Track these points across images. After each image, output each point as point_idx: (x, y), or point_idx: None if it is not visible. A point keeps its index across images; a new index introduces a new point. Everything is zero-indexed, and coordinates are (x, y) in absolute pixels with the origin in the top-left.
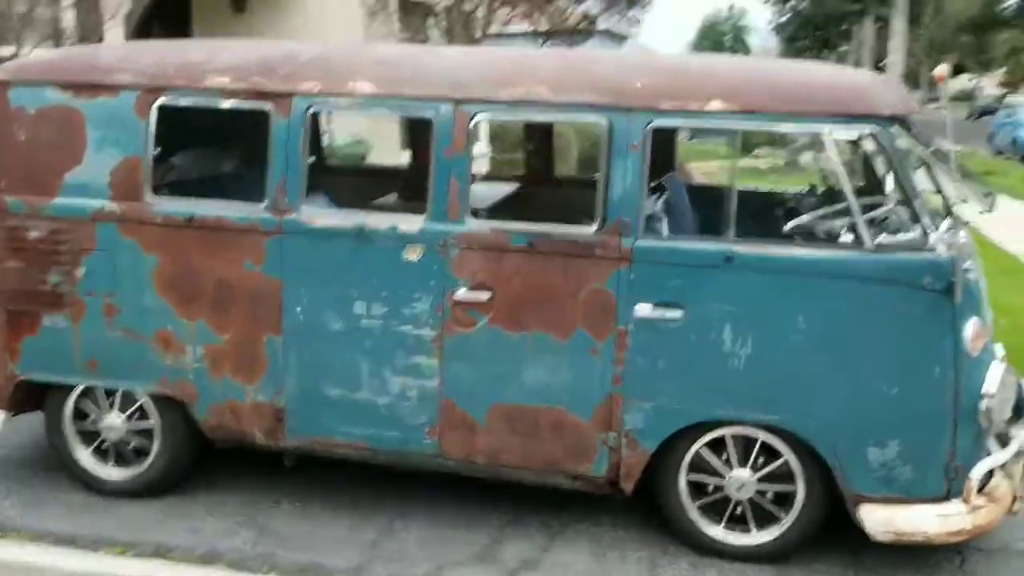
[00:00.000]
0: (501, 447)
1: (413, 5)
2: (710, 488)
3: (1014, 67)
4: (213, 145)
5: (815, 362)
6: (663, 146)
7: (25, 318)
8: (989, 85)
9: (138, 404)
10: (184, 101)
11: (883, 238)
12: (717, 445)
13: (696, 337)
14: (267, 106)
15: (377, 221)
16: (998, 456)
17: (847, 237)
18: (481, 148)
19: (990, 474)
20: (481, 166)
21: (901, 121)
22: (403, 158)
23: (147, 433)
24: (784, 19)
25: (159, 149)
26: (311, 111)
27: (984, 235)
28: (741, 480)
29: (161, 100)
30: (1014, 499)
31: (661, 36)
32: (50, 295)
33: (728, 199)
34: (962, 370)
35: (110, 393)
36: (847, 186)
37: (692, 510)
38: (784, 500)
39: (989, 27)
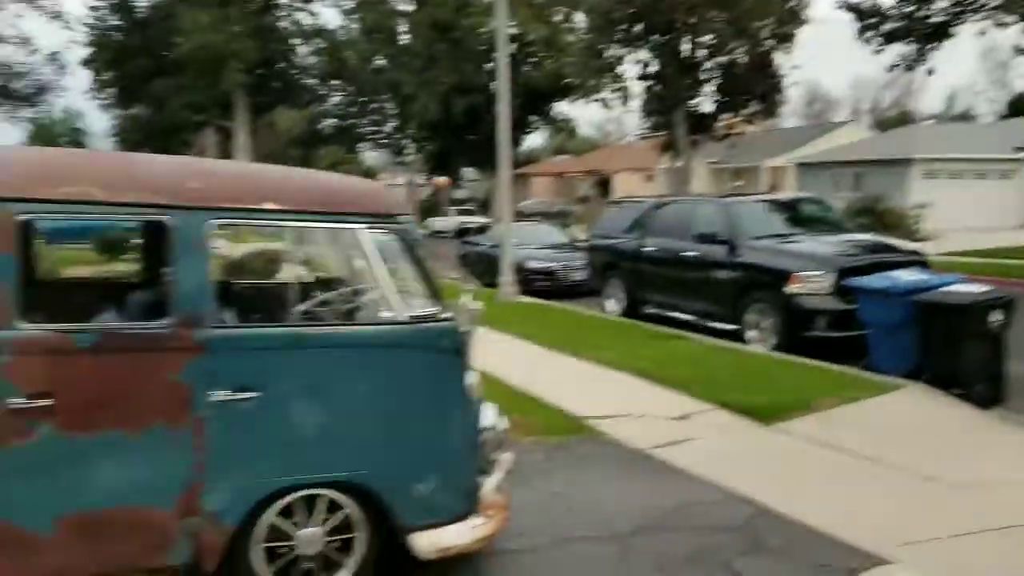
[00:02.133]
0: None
1: None
2: (284, 550)
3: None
4: None
5: (370, 420)
6: None
7: None
8: None
9: None
10: None
11: (412, 311)
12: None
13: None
14: None
15: None
16: (497, 476)
17: (385, 313)
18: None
19: None
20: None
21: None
22: None
23: None
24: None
25: None
26: None
27: None
28: (310, 538)
29: None
30: (506, 508)
31: None
32: None
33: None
34: (467, 411)
35: None
36: (381, 272)
37: (269, 574)
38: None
39: (312, 143)
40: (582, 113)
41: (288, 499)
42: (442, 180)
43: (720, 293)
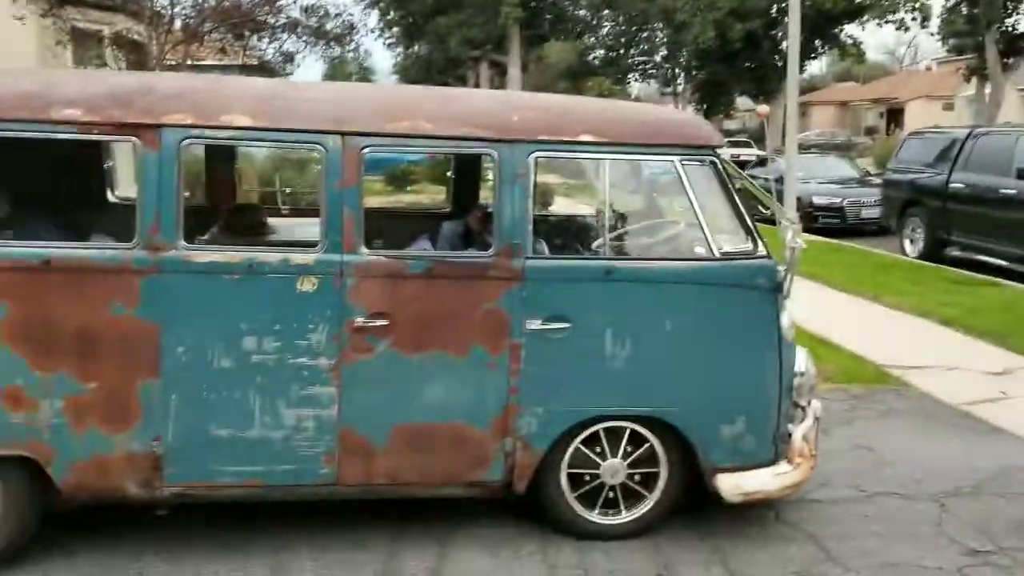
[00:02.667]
0: (401, 467)
1: (84, 35)
2: (587, 478)
3: None
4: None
5: (679, 357)
6: None
7: None
8: None
9: None
10: (29, 135)
11: (727, 248)
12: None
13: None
14: (133, 140)
15: (267, 255)
16: (806, 423)
17: (699, 249)
18: None
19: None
20: None
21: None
22: None
23: None
24: (408, 63)
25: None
26: (185, 144)
27: None
28: (614, 469)
29: (3, 133)
30: (813, 457)
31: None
32: None
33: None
34: (783, 354)
35: None
36: (696, 206)
37: (572, 500)
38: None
39: (581, 75)
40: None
41: (594, 429)
42: (764, 109)
43: None
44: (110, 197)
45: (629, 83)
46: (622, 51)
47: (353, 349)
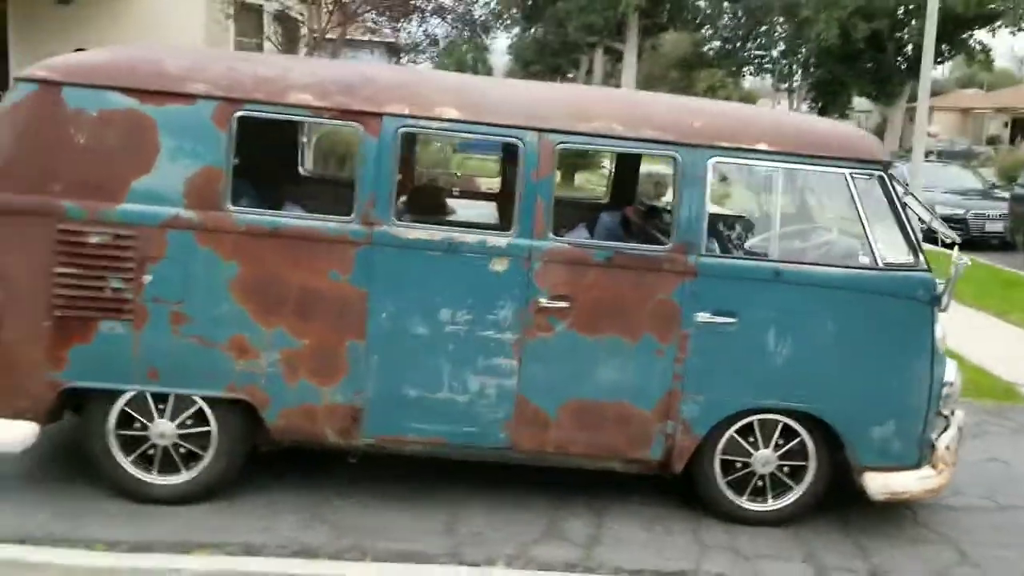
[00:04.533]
0: (569, 438)
1: (245, 9)
2: (738, 465)
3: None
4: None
5: (837, 358)
6: None
7: (77, 325)
8: None
9: (192, 410)
10: (264, 115)
11: (889, 259)
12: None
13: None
14: (356, 125)
15: (467, 235)
16: (951, 432)
17: (863, 258)
18: None
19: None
20: None
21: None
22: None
23: (199, 438)
24: (523, 44)
25: (236, 160)
26: (401, 131)
27: None
28: (765, 460)
29: (240, 112)
30: (954, 465)
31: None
32: (109, 301)
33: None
34: (935, 364)
35: (159, 399)
36: (863, 217)
37: (723, 484)
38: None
39: (695, 65)
40: (999, 43)
41: (749, 419)
42: (933, 130)
43: None
44: (301, 171)
45: (744, 76)
46: (739, 44)
47: (536, 327)
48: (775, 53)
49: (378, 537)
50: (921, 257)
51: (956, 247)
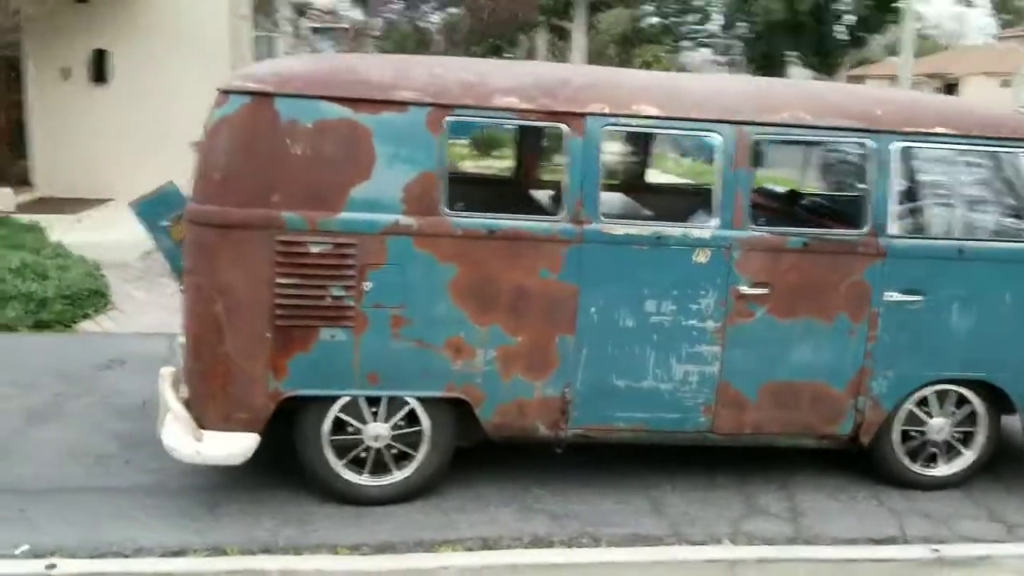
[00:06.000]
0: (766, 419)
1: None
2: (913, 434)
3: None
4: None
5: (1012, 328)
6: None
7: (298, 334)
8: None
9: (404, 411)
10: (473, 119)
11: None
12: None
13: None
14: (561, 126)
15: (672, 229)
16: None
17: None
18: None
19: None
20: None
21: None
22: None
23: (410, 439)
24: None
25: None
26: (605, 130)
27: None
28: (940, 427)
29: (450, 118)
30: None
31: None
32: (331, 309)
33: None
34: None
35: (372, 403)
36: None
37: (901, 453)
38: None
39: (634, 42)
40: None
41: (927, 391)
42: None
43: None
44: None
45: (681, 51)
46: (676, 19)
47: (737, 314)
48: (714, 27)
49: (599, 523)
50: None
51: None
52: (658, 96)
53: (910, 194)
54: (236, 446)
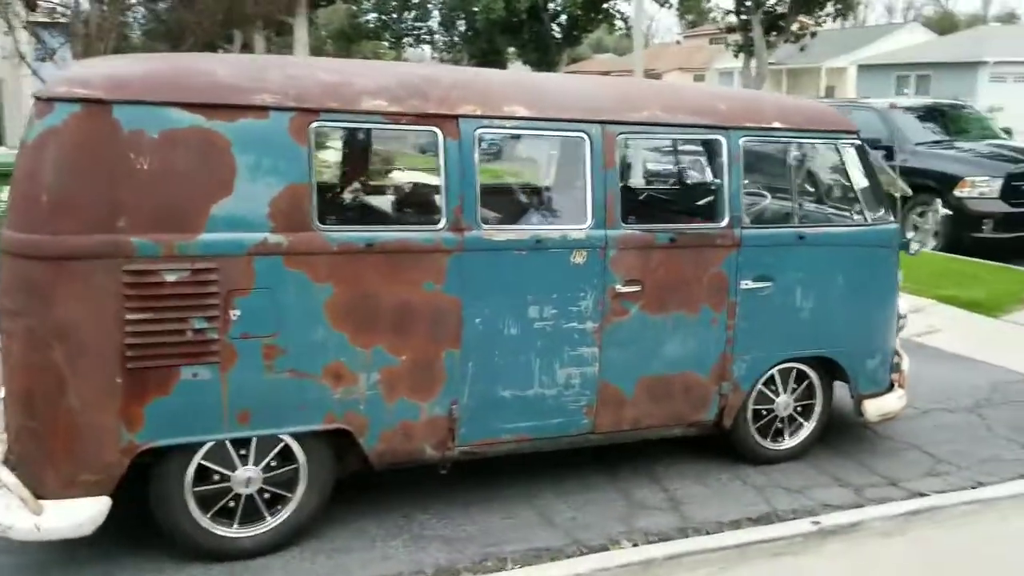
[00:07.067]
0: (642, 414)
1: None
2: (763, 413)
3: None
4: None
5: (844, 305)
6: None
7: (154, 376)
8: None
9: (276, 450)
10: (340, 124)
11: (875, 214)
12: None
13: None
14: (434, 129)
15: (550, 231)
16: (905, 357)
17: (856, 216)
18: None
19: None
20: None
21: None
22: None
23: (283, 479)
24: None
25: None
26: (478, 132)
27: None
28: (785, 403)
29: (316, 124)
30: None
31: None
32: (192, 344)
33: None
34: (898, 300)
35: (240, 445)
36: (857, 181)
37: (754, 431)
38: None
39: (353, 38)
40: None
41: (772, 371)
42: None
43: None
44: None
45: (404, 48)
46: (395, 16)
47: (612, 313)
48: (433, 24)
49: (496, 542)
50: (889, 210)
51: (939, 199)
52: (527, 96)
53: (754, 185)
54: (84, 514)
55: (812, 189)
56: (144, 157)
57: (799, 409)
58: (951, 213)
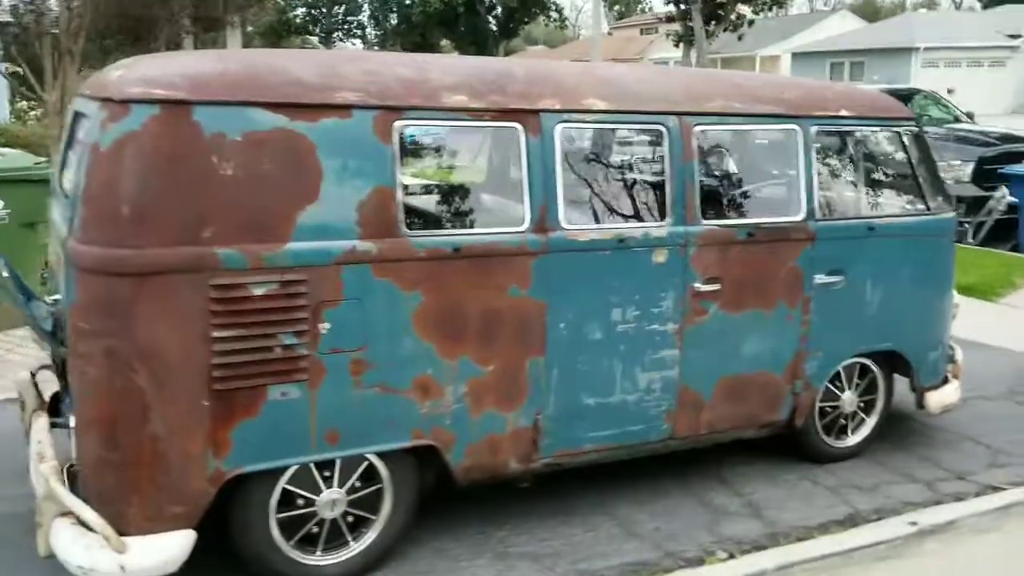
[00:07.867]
0: (719, 416)
1: None
2: (828, 410)
3: None
4: None
5: (909, 298)
6: None
7: (242, 397)
8: None
9: (360, 470)
10: (423, 122)
11: (936, 204)
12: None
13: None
14: (515, 125)
15: (633, 230)
16: (958, 348)
17: (919, 206)
18: None
19: None
20: None
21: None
22: None
23: (367, 501)
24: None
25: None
26: (559, 127)
27: None
28: (851, 400)
29: (400, 122)
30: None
31: None
32: (281, 362)
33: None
34: (953, 290)
35: (322, 466)
36: (920, 171)
37: (820, 430)
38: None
39: (283, 33)
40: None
41: (840, 367)
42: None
43: None
44: None
45: (335, 42)
46: (324, 10)
47: (693, 312)
48: (363, 18)
49: (586, 557)
50: (951, 201)
51: (1001, 190)
52: (603, 90)
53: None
54: (171, 550)
55: (878, 178)
56: (227, 162)
57: (861, 405)
58: (1009, 198)
